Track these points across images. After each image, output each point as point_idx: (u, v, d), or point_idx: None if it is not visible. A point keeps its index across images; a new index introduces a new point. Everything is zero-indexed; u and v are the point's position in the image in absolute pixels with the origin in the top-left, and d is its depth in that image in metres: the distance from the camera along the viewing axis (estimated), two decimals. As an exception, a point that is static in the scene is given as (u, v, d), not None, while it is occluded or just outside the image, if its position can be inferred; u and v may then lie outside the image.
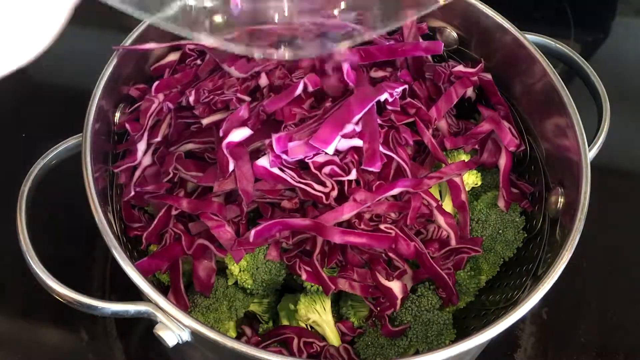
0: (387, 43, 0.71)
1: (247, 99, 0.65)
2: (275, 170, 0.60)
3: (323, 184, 0.61)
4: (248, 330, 0.67)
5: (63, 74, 0.97)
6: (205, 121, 0.64)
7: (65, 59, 0.97)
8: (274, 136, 0.60)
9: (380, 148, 0.62)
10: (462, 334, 0.65)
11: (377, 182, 0.63)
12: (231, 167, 0.60)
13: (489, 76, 0.73)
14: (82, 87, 0.69)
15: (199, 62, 0.70)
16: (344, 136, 0.61)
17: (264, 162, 0.60)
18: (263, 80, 0.66)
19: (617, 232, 0.89)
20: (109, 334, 0.77)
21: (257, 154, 0.62)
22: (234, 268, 0.63)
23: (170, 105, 0.66)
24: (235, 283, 0.65)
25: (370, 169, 0.61)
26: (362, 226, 0.62)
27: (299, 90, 0.64)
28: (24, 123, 0.93)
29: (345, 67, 0.64)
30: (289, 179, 0.60)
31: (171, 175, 0.64)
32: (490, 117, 0.71)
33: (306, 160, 0.61)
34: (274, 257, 0.63)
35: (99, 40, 0.96)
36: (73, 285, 0.55)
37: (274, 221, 0.61)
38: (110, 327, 0.77)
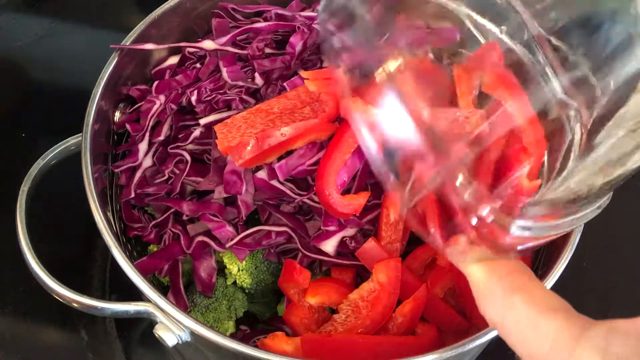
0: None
1: (252, 100, 0.65)
2: (275, 183, 0.60)
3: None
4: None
5: (63, 74, 0.97)
6: (203, 121, 0.64)
7: (65, 59, 0.98)
8: (275, 165, 0.59)
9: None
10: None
11: None
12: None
13: (488, 76, 0.73)
14: (82, 87, 0.69)
15: (198, 65, 0.70)
16: None
17: (263, 174, 0.60)
18: (258, 80, 0.66)
19: (617, 232, 0.89)
20: (109, 334, 0.77)
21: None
22: (232, 267, 0.63)
23: (173, 107, 0.66)
24: (234, 283, 0.65)
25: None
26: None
27: None
28: (24, 123, 0.93)
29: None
30: (288, 192, 0.60)
31: (172, 178, 0.64)
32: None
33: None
34: (273, 257, 0.63)
35: (99, 40, 0.96)
36: (73, 285, 0.55)
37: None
38: (110, 327, 0.77)
